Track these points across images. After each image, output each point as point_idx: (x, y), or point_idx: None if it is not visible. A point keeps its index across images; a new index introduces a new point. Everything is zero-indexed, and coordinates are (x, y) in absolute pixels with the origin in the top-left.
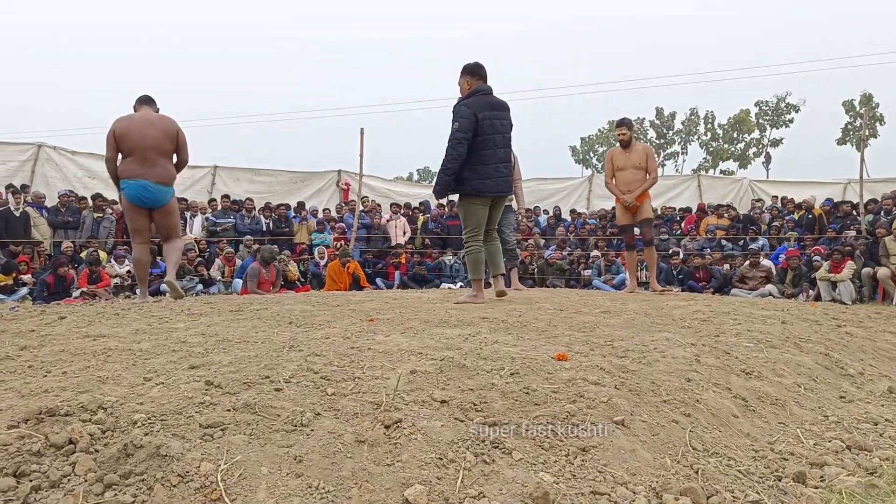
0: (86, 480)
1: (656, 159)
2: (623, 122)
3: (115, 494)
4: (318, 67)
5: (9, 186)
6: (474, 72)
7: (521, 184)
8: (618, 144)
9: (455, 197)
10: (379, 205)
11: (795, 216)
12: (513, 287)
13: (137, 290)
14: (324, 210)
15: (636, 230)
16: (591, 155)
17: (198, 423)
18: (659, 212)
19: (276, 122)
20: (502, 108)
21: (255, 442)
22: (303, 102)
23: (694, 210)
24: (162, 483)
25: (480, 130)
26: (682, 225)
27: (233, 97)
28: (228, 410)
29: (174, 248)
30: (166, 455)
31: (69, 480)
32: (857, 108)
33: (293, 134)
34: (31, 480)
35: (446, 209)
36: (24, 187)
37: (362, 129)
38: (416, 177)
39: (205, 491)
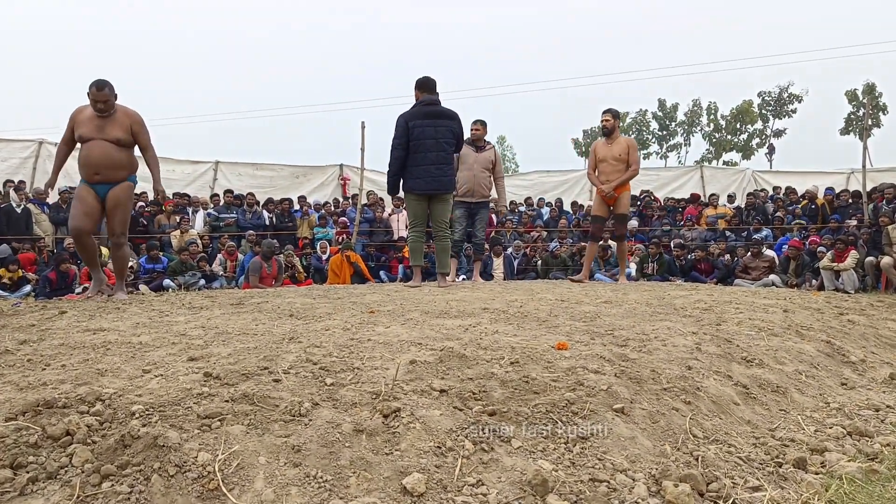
0: (83, 471)
1: (639, 152)
2: (609, 110)
3: (113, 485)
4: (318, 60)
5: (8, 182)
6: (421, 86)
7: (502, 182)
8: (601, 134)
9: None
10: (382, 198)
11: (800, 206)
12: (473, 279)
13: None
14: (325, 204)
15: (609, 223)
16: None
17: (196, 414)
18: (662, 203)
19: (278, 117)
20: (440, 116)
21: (253, 432)
22: (304, 96)
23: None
24: (159, 473)
25: (412, 137)
26: (684, 215)
27: (233, 91)
28: (227, 401)
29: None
30: (164, 446)
31: (66, 472)
32: (860, 98)
33: (294, 128)
34: (27, 472)
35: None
36: (21, 182)
37: (363, 123)
38: None
39: (202, 481)
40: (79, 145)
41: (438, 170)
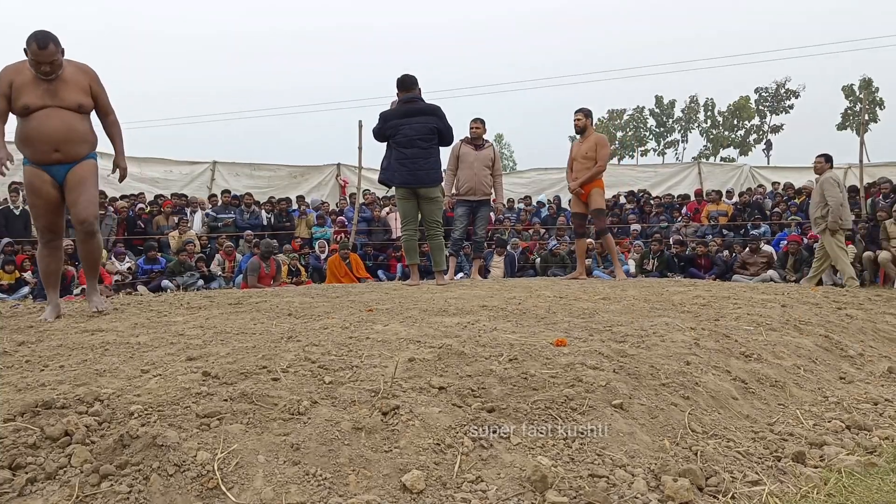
0: (82, 471)
1: (608, 149)
2: (580, 110)
3: (112, 485)
4: (314, 60)
5: (14, 183)
6: (400, 84)
7: (501, 180)
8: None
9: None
10: (380, 197)
11: (797, 201)
12: (472, 277)
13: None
14: (323, 203)
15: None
16: None
17: (195, 413)
18: (661, 199)
19: (275, 117)
20: (417, 113)
21: (252, 431)
22: (300, 96)
23: (692, 196)
24: (158, 473)
25: (390, 135)
26: (684, 211)
27: (230, 92)
28: (225, 400)
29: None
30: (163, 445)
31: (65, 472)
32: (857, 93)
33: (292, 128)
34: (26, 472)
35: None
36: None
37: (360, 122)
38: None
39: (201, 480)
40: (12, 117)
41: (414, 164)
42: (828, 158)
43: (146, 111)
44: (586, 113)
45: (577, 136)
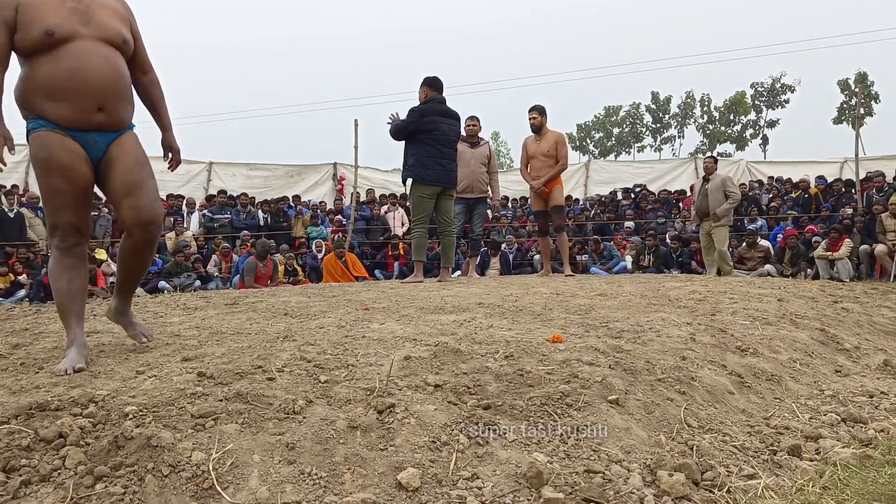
0: (76, 473)
1: (567, 147)
2: (535, 108)
3: (106, 486)
4: (310, 60)
5: (1, 187)
6: (432, 84)
7: (497, 177)
8: (532, 132)
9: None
10: (378, 196)
11: (794, 196)
12: (469, 275)
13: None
14: (320, 203)
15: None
16: (588, 141)
17: (190, 414)
18: (657, 195)
19: (271, 116)
20: (451, 116)
21: (247, 430)
22: (297, 95)
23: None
24: (153, 473)
25: (426, 130)
26: (681, 206)
27: (226, 92)
28: (220, 400)
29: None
30: (157, 446)
31: (59, 474)
32: (852, 87)
33: (288, 127)
34: (20, 475)
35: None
36: (13, 187)
37: (356, 121)
38: None
39: (196, 480)
40: (14, 63)
41: (451, 164)
42: (716, 160)
43: (142, 111)
44: (540, 111)
45: (533, 135)
